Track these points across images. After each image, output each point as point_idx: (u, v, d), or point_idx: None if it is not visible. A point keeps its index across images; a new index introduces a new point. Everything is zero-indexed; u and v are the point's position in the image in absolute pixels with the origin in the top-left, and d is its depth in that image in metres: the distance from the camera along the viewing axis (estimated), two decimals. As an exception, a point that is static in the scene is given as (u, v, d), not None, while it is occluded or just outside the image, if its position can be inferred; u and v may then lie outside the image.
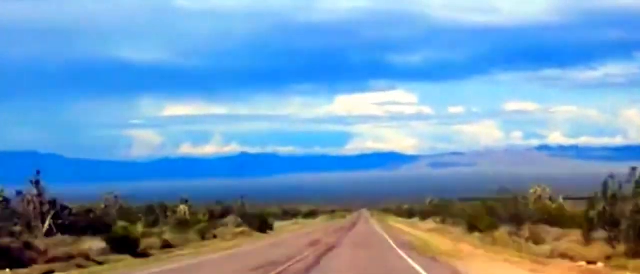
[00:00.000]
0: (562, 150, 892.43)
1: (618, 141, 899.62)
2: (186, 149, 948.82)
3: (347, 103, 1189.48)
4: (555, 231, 42.75)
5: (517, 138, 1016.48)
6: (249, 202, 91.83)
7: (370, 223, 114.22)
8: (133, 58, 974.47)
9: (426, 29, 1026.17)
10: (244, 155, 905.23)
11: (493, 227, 50.68)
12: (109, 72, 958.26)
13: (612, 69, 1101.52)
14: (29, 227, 40.77)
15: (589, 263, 31.73)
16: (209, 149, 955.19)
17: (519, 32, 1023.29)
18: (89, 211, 49.02)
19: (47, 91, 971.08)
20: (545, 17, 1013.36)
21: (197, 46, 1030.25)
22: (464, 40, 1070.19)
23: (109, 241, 40.89)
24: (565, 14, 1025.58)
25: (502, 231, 48.11)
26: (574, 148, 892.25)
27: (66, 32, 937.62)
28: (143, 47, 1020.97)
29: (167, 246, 48.93)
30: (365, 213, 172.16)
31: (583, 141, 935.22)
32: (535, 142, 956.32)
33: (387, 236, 65.29)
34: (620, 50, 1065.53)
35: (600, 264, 31.12)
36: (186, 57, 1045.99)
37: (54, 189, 44.33)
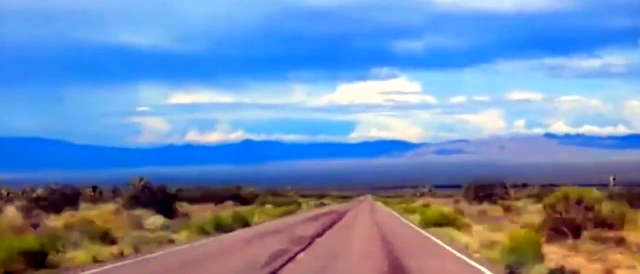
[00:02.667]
0: (569, 138, 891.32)
1: (621, 130, 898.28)
2: (192, 137, 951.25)
3: (350, 92, 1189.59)
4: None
5: (520, 127, 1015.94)
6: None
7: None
8: (136, 44, 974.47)
9: (430, 15, 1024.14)
10: (248, 142, 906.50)
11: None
12: (111, 58, 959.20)
13: (616, 59, 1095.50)
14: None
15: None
16: (215, 137, 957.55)
17: (523, 19, 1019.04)
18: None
19: (51, 77, 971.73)
20: (550, 3, 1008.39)
21: (199, 32, 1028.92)
22: (468, 27, 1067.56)
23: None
24: (570, 1, 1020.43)
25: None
26: (580, 137, 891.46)
27: (67, 17, 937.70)
28: (146, 33, 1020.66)
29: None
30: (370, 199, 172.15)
31: (586, 130, 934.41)
32: (538, 131, 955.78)
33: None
34: (626, 38, 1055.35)
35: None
36: (188, 44, 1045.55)
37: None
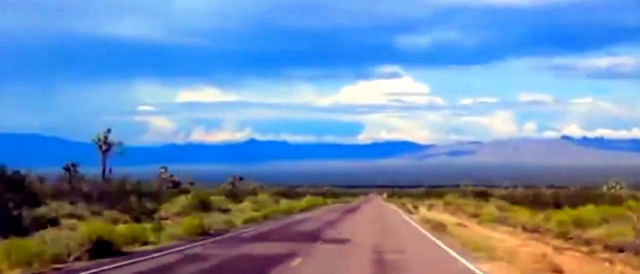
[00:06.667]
0: (586, 141, 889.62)
1: (636, 133, 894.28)
2: (197, 136, 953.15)
3: (356, 92, 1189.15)
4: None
5: (530, 130, 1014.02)
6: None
7: None
8: (131, 36, 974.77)
9: (435, 8, 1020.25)
10: (253, 142, 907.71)
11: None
12: (109, 52, 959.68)
13: (628, 58, 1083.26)
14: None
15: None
16: (221, 136, 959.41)
17: (531, 13, 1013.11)
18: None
19: (47, 72, 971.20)
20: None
21: (196, 25, 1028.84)
22: (475, 21, 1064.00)
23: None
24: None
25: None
26: (599, 140, 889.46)
27: (63, 9, 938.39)
28: (142, 25, 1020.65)
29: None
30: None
31: (599, 133, 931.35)
32: (549, 134, 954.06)
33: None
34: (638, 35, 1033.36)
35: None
36: (186, 37, 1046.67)
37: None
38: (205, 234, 35.10)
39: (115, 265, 22.00)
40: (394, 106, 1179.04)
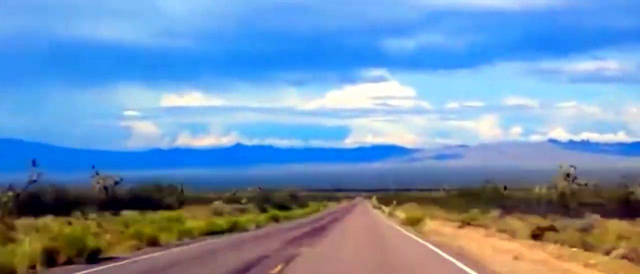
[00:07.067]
0: (573, 144, 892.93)
1: (621, 137, 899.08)
2: (183, 141, 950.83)
3: (341, 96, 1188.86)
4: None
5: (516, 134, 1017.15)
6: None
7: None
8: (116, 39, 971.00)
9: (422, 11, 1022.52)
10: (239, 146, 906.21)
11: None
12: (94, 55, 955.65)
13: (613, 63, 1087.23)
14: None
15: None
16: (207, 141, 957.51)
17: (519, 16, 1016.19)
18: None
19: (29, 75, 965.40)
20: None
21: (181, 27, 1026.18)
22: (462, 25, 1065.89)
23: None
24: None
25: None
26: (585, 143, 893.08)
27: (47, 11, 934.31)
28: (127, 27, 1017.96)
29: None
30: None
31: (585, 137, 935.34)
32: (535, 138, 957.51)
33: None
34: (626, 39, 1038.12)
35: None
36: (171, 39, 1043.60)
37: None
38: None
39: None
40: (380, 110, 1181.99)
